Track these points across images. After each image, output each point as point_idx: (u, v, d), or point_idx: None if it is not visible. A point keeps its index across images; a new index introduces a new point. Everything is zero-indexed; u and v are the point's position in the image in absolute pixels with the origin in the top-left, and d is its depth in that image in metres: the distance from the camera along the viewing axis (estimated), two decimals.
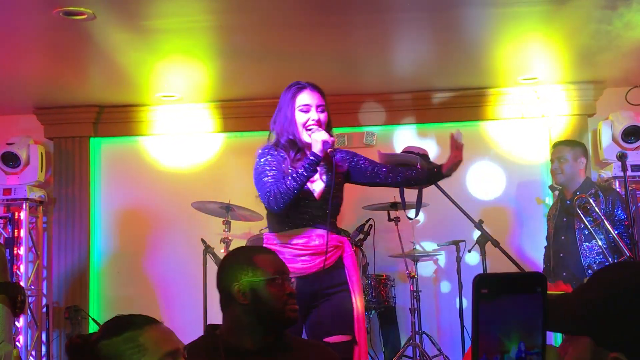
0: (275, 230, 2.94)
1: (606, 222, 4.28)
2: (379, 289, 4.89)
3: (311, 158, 2.76)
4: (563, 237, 4.56)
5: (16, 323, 5.00)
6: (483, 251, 4.30)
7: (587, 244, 4.39)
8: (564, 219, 4.58)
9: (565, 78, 5.49)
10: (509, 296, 0.96)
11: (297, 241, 2.86)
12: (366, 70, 5.22)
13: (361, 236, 4.95)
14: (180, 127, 5.95)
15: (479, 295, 0.94)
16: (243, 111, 5.87)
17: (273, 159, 2.91)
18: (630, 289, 1.09)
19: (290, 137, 2.92)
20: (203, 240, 4.99)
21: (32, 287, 5.75)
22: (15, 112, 5.99)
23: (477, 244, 4.40)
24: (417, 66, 5.21)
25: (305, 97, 2.91)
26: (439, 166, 2.96)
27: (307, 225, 2.87)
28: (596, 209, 4.32)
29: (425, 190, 3.67)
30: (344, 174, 3.02)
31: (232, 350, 2.04)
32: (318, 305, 2.81)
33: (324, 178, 2.91)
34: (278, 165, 2.88)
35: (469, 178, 5.71)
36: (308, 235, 2.86)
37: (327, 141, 2.76)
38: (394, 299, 5.14)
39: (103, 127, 5.97)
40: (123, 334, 1.62)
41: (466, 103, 5.73)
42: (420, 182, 3.18)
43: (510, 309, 0.96)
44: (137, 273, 5.84)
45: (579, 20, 4.27)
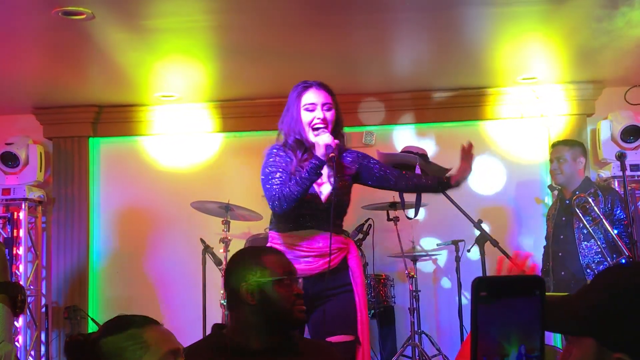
0: (279, 229, 2.92)
1: (605, 222, 4.28)
2: (378, 288, 4.88)
3: (314, 162, 2.73)
4: (562, 237, 4.56)
5: (15, 323, 4.99)
6: (482, 251, 4.30)
7: (585, 243, 4.40)
8: (563, 219, 4.58)
9: (564, 78, 5.49)
10: (508, 299, 0.97)
11: (301, 242, 2.85)
12: (365, 69, 5.22)
13: (360, 236, 4.95)
14: (179, 127, 5.94)
15: (477, 298, 0.95)
16: (242, 111, 5.87)
17: (280, 159, 2.88)
18: (633, 289, 1.10)
19: (297, 137, 2.89)
20: (202, 240, 5.00)
21: (31, 287, 5.75)
22: (14, 112, 5.99)
23: (476, 244, 4.41)
24: (416, 66, 5.21)
25: (310, 96, 2.88)
26: (449, 177, 2.98)
27: (312, 227, 2.85)
28: (595, 208, 4.32)
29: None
30: (353, 176, 2.98)
31: (238, 350, 2.04)
32: (321, 305, 2.80)
33: (331, 180, 2.86)
34: (285, 167, 2.85)
35: (469, 178, 5.70)
36: (312, 237, 2.84)
37: (329, 145, 2.72)
38: (393, 299, 5.14)
39: (102, 127, 5.97)
40: (126, 331, 1.63)
41: (465, 103, 5.73)
42: (429, 191, 3.19)
43: (509, 312, 0.96)
44: (136, 273, 5.84)
45: (578, 20, 4.27)
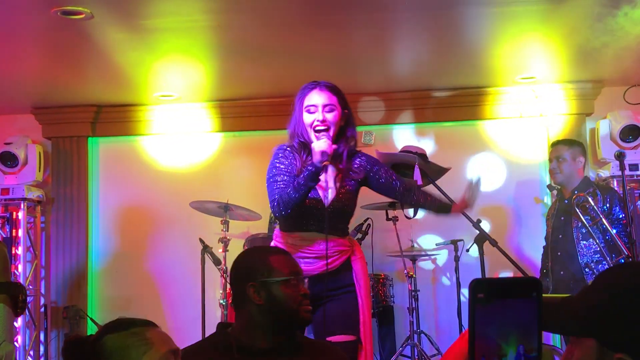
0: (282, 228, 2.95)
1: (604, 221, 4.28)
2: (377, 288, 4.88)
3: (309, 169, 2.72)
4: (561, 236, 4.56)
5: (14, 323, 4.99)
6: (481, 250, 4.29)
7: (584, 242, 4.40)
8: (562, 218, 4.58)
9: (564, 77, 5.49)
10: (505, 301, 0.97)
11: (302, 243, 2.86)
12: (365, 69, 5.22)
13: (359, 235, 4.95)
14: (179, 127, 5.94)
15: (475, 300, 0.95)
16: (241, 110, 5.87)
17: (285, 160, 2.88)
18: (633, 289, 1.10)
19: (301, 139, 2.90)
20: (201, 240, 4.99)
21: (30, 287, 5.75)
22: (13, 112, 5.99)
23: (475, 243, 4.40)
24: (416, 65, 5.21)
25: (312, 97, 2.87)
26: (450, 205, 3.04)
27: (313, 230, 2.86)
28: (594, 207, 4.33)
29: (424, 189, 3.66)
30: (359, 182, 2.96)
31: (244, 349, 2.05)
32: (322, 305, 2.81)
33: (331, 185, 2.86)
34: (289, 170, 2.85)
35: (468, 177, 5.71)
36: (313, 239, 2.85)
37: (324, 151, 2.70)
38: (392, 298, 5.14)
39: (101, 127, 5.97)
40: (130, 329, 1.65)
41: (464, 102, 5.73)
42: (428, 210, 3.19)
43: (507, 313, 0.97)
44: (135, 272, 5.84)
45: (577, 20, 4.27)
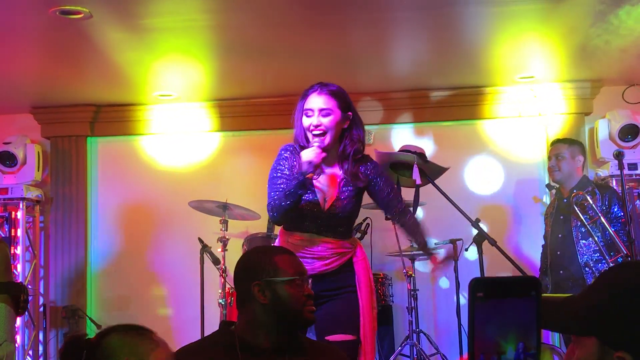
0: (285, 227, 2.99)
1: (603, 220, 4.29)
2: (376, 287, 4.87)
3: (297, 177, 2.75)
4: (560, 235, 4.56)
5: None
6: (480, 250, 4.29)
7: (583, 241, 4.40)
8: (561, 217, 4.58)
9: (562, 76, 5.49)
10: (505, 299, 0.98)
11: (301, 243, 2.89)
12: (363, 69, 5.22)
13: (358, 235, 4.95)
14: (177, 126, 5.94)
15: (474, 299, 0.96)
16: (240, 110, 5.87)
17: (287, 162, 2.91)
18: (633, 289, 1.10)
19: (301, 143, 2.93)
20: (200, 239, 4.99)
21: (29, 287, 5.73)
22: (11, 112, 5.98)
23: (474, 243, 4.40)
24: (414, 65, 5.21)
25: (310, 101, 2.87)
26: (423, 243, 3.04)
27: (311, 231, 2.89)
28: (593, 206, 4.33)
29: (423, 188, 3.67)
30: (360, 188, 2.95)
31: (247, 348, 2.06)
32: (320, 305, 2.82)
33: (330, 189, 2.88)
34: (289, 174, 2.88)
35: (467, 177, 5.72)
36: (311, 240, 2.88)
37: (310, 161, 2.72)
38: (391, 298, 5.15)
39: (100, 126, 5.96)
40: (137, 330, 1.66)
41: (463, 102, 5.73)
42: (402, 228, 3.15)
43: (506, 312, 0.98)
44: (134, 272, 5.84)
45: (576, 19, 4.27)
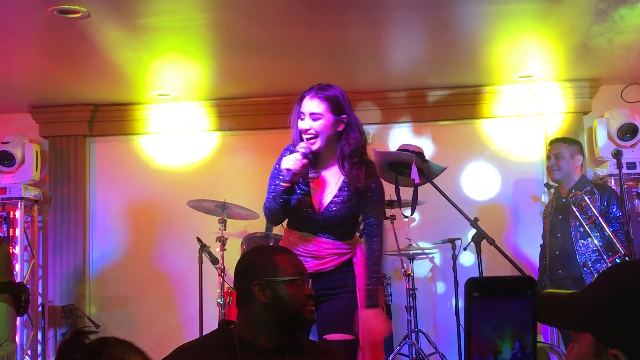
0: (288, 225, 3.03)
1: (601, 220, 4.28)
2: None
3: (279, 184, 2.80)
4: (559, 235, 4.56)
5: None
6: (478, 249, 4.29)
7: (582, 241, 4.40)
8: (560, 217, 4.58)
9: (561, 76, 5.50)
10: (501, 299, 0.99)
11: (299, 242, 2.93)
12: (361, 68, 5.22)
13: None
14: (176, 126, 5.94)
15: (471, 298, 0.97)
16: (238, 109, 5.86)
17: None
18: (630, 288, 1.11)
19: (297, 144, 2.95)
20: (199, 239, 4.98)
21: (28, 287, 5.73)
22: (10, 111, 5.99)
23: (473, 242, 4.40)
24: (413, 64, 5.21)
25: (303, 104, 2.88)
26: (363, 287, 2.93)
27: (309, 232, 2.92)
28: (591, 206, 4.33)
29: (421, 188, 3.66)
30: (355, 193, 2.94)
31: (246, 347, 2.07)
32: (319, 304, 2.82)
33: (327, 191, 2.91)
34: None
35: (465, 176, 5.72)
36: (308, 239, 2.91)
37: (289, 169, 2.75)
38: (390, 297, 5.15)
39: (98, 126, 5.96)
40: (137, 349, 1.67)
41: (462, 101, 5.74)
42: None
43: (502, 311, 0.98)
44: (133, 272, 5.84)
45: (574, 18, 4.27)
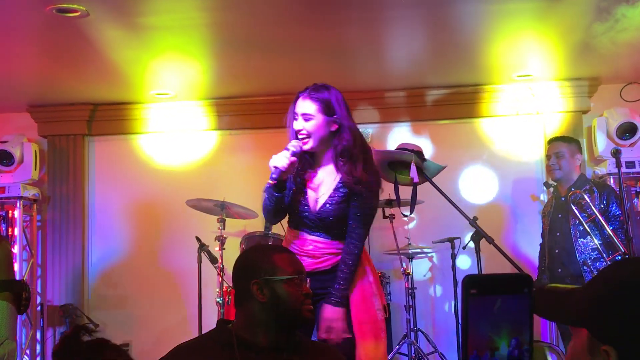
0: (288, 224, 3.06)
1: (601, 218, 4.29)
2: None
3: (268, 182, 2.82)
4: (558, 234, 4.56)
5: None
6: (478, 248, 4.30)
7: (582, 240, 4.40)
8: (559, 215, 4.58)
9: (560, 75, 5.50)
10: (497, 296, 0.99)
11: (296, 240, 2.96)
12: (360, 67, 5.22)
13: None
14: (175, 125, 5.94)
15: (467, 295, 0.97)
16: (237, 109, 5.86)
17: None
18: (626, 286, 1.12)
19: None
20: (198, 238, 4.99)
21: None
22: (8, 110, 5.98)
23: (472, 241, 4.40)
24: (412, 63, 5.21)
25: (296, 105, 2.91)
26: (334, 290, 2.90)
27: (305, 231, 2.94)
28: (591, 205, 4.33)
29: (420, 187, 3.67)
30: (347, 194, 2.91)
31: (244, 346, 2.07)
32: (315, 303, 2.82)
33: (322, 191, 2.92)
34: None
35: (464, 176, 5.72)
36: (304, 239, 2.93)
37: (277, 167, 2.77)
38: (389, 296, 5.15)
39: (97, 125, 5.96)
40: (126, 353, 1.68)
41: (461, 100, 5.74)
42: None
43: (499, 309, 0.98)
44: (131, 271, 5.84)
45: (573, 17, 4.27)
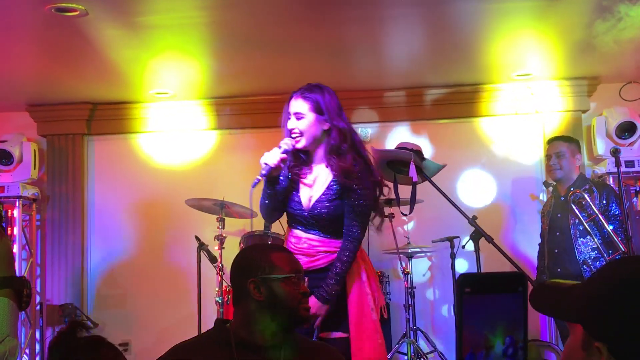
0: (287, 223, 3.10)
1: (601, 218, 4.28)
2: None
3: (257, 177, 2.85)
4: (558, 233, 4.55)
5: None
6: (477, 247, 4.29)
7: (582, 239, 4.40)
8: (559, 215, 4.57)
9: (559, 74, 5.50)
10: (492, 295, 0.99)
11: (292, 239, 3.00)
12: (359, 66, 5.22)
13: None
14: (174, 124, 5.94)
15: (462, 294, 0.97)
16: (236, 108, 5.86)
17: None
18: (621, 283, 1.12)
19: None
20: (197, 238, 4.99)
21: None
22: (8, 110, 5.98)
23: (471, 240, 4.40)
24: (411, 62, 5.21)
25: (290, 105, 2.95)
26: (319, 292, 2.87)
27: (300, 229, 2.98)
28: (591, 204, 4.33)
29: (420, 186, 3.67)
30: (340, 192, 2.92)
31: (242, 345, 2.07)
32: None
33: (315, 189, 2.94)
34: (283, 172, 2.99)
35: (463, 175, 5.72)
36: (299, 237, 2.97)
37: (267, 163, 2.82)
38: (388, 296, 5.15)
39: (96, 125, 5.96)
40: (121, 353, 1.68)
41: (460, 99, 5.73)
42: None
43: (494, 307, 0.99)
44: (131, 270, 5.84)
45: (572, 16, 4.27)
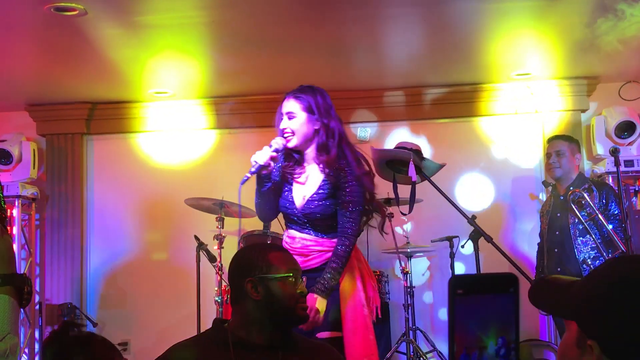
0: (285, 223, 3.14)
1: (601, 217, 4.28)
2: None
3: (246, 175, 2.87)
4: (557, 233, 4.55)
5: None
6: (476, 247, 4.30)
7: (581, 238, 4.40)
8: (558, 214, 4.57)
9: (559, 73, 5.49)
10: (484, 296, 1.00)
11: (288, 239, 3.03)
12: (359, 66, 5.21)
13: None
14: (173, 124, 5.94)
15: (455, 295, 0.98)
16: (236, 107, 5.86)
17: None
18: (616, 282, 1.13)
19: None
20: (196, 237, 4.98)
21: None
22: (7, 109, 5.98)
23: (471, 240, 4.41)
24: (410, 62, 5.21)
25: (283, 106, 2.97)
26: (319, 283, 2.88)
27: (295, 229, 3.01)
28: (591, 203, 4.33)
29: (419, 186, 3.66)
30: (332, 190, 2.94)
31: (240, 344, 2.07)
32: None
33: (308, 188, 2.96)
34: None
35: (463, 174, 5.71)
36: (293, 237, 3.00)
37: (256, 161, 2.85)
38: (388, 295, 5.15)
39: (96, 124, 5.96)
40: (114, 346, 1.68)
41: (459, 99, 5.73)
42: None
43: (486, 308, 0.99)
44: (130, 270, 5.84)
45: (572, 16, 4.27)
